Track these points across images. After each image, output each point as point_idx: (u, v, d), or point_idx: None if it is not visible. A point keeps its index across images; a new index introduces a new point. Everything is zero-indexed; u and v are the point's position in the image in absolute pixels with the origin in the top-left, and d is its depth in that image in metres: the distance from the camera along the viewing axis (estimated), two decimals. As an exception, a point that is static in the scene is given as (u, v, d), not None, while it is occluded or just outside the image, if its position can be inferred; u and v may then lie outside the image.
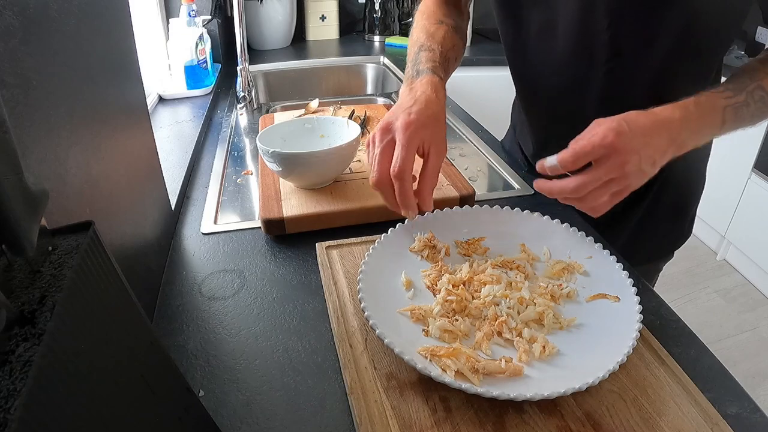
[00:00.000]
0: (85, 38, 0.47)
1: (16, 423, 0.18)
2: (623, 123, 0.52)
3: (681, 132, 0.54)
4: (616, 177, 0.52)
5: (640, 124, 0.52)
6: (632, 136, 0.51)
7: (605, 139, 0.51)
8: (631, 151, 0.51)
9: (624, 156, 0.51)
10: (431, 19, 0.78)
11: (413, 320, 0.52)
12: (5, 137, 0.21)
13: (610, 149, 0.51)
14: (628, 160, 0.51)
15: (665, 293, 0.62)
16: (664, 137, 0.53)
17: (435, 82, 0.65)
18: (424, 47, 0.72)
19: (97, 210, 0.47)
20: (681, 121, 0.53)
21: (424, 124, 0.58)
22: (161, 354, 0.34)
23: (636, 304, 0.52)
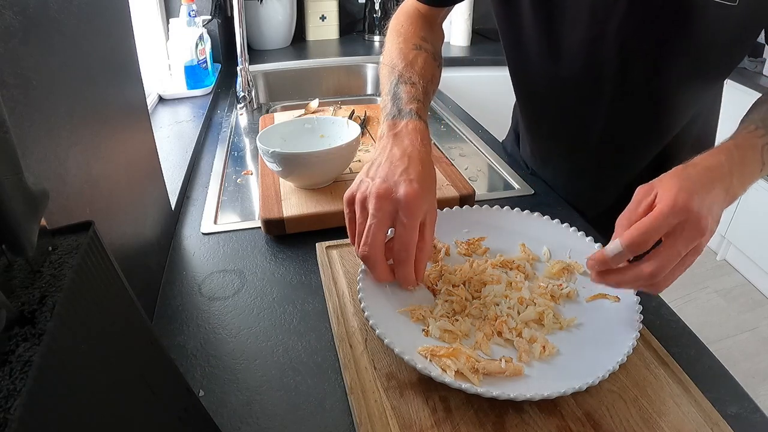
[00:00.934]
0: (85, 38, 0.47)
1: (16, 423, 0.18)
2: (686, 181, 0.45)
3: (732, 179, 0.48)
4: (697, 243, 0.44)
5: (697, 178, 0.46)
6: (702, 194, 0.44)
7: (677, 203, 0.43)
8: (707, 209, 0.44)
9: (702, 219, 0.44)
10: (408, 42, 0.71)
11: (413, 320, 0.51)
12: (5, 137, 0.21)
13: (686, 213, 0.43)
14: (705, 224, 0.44)
15: (665, 293, 0.62)
16: (719, 188, 0.46)
17: (422, 130, 0.58)
18: (404, 79, 0.65)
19: (97, 210, 0.47)
20: (729, 166, 0.48)
21: (425, 195, 0.51)
22: (161, 354, 0.34)
23: (636, 304, 0.52)
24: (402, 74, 0.66)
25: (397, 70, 0.67)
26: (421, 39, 0.73)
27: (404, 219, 0.50)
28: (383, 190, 0.51)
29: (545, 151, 0.88)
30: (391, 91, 0.64)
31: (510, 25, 0.75)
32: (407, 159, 0.54)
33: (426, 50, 0.71)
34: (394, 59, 0.69)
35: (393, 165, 0.53)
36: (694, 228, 0.43)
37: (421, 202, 0.50)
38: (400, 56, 0.69)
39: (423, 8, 0.78)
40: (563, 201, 0.82)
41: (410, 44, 0.71)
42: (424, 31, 0.75)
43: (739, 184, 0.49)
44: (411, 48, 0.70)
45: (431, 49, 0.72)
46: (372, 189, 0.51)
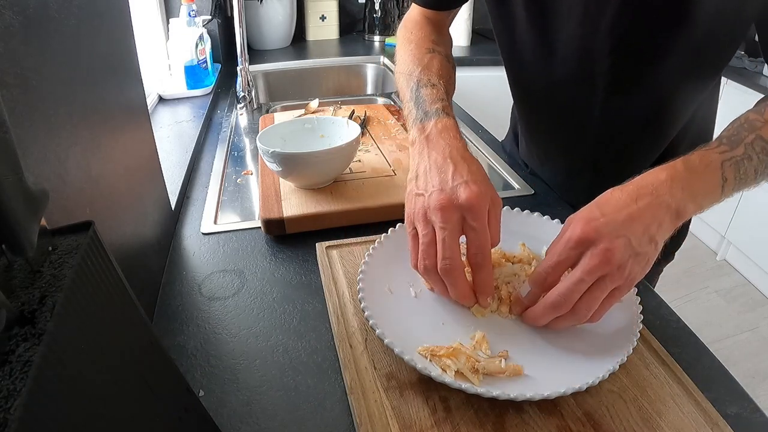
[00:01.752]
0: (85, 38, 0.47)
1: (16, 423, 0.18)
2: (593, 208, 0.46)
3: (672, 194, 0.46)
4: (606, 273, 0.43)
5: (617, 201, 0.46)
6: (608, 218, 0.44)
7: (573, 233, 0.44)
8: (611, 235, 0.43)
9: (603, 245, 0.43)
10: (420, 47, 0.71)
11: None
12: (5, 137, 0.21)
13: (584, 243, 0.44)
14: (610, 248, 0.43)
15: (665, 293, 0.62)
16: (654, 205, 0.45)
17: (452, 127, 0.57)
18: (423, 82, 0.64)
19: (97, 210, 0.47)
20: (669, 181, 0.46)
21: (486, 192, 0.50)
22: (161, 354, 0.34)
23: (636, 304, 0.52)
24: (420, 78, 0.65)
25: (414, 76, 0.66)
26: (433, 43, 0.72)
27: (473, 223, 0.48)
28: (445, 200, 0.49)
29: (543, 150, 0.88)
30: (413, 97, 0.63)
31: (504, 23, 0.75)
32: (451, 160, 0.52)
33: (439, 53, 0.70)
34: (409, 66, 0.68)
35: (441, 171, 0.51)
36: (597, 256, 0.43)
37: (484, 201, 0.49)
38: (415, 62, 0.68)
39: (430, 14, 0.78)
40: (563, 201, 0.82)
41: (423, 49, 0.71)
42: (434, 35, 0.75)
43: (687, 199, 0.46)
44: (425, 52, 0.70)
45: (444, 52, 0.72)
46: (431, 202, 0.49)
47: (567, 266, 0.45)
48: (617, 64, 0.67)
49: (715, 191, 0.49)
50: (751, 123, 0.53)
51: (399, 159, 0.87)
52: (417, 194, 0.52)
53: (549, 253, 0.47)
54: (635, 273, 0.45)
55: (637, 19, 0.62)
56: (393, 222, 0.64)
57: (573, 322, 0.46)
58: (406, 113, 0.63)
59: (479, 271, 0.50)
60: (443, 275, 0.49)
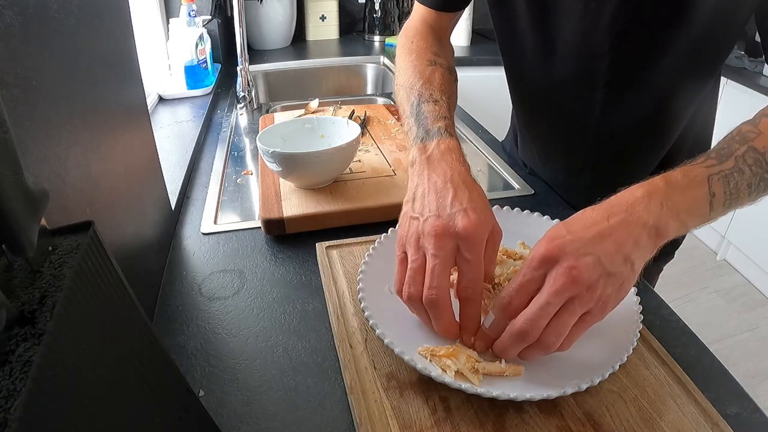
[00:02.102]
0: (85, 38, 0.47)
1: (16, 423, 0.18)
2: (560, 227, 0.43)
3: (649, 210, 0.43)
4: (574, 294, 0.40)
5: (586, 219, 0.43)
6: (573, 236, 0.41)
7: (536, 252, 0.42)
8: (576, 253, 0.40)
9: (567, 263, 0.40)
10: (422, 59, 0.68)
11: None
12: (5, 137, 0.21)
13: (546, 262, 0.41)
14: (576, 266, 0.40)
15: (665, 293, 0.62)
16: (628, 222, 0.42)
17: (455, 148, 0.54)
18: (424, 97, 0.61)
19: (97, 210, 0.47)
20: (646, 198, 0.43)
21: (485, 222, 0.47)
22: (161, 354, 0.34)
23: (636, 305, 0.52)
24: (422, 93, 0.62)
25: (416, 90, 0.63)
26: (435, 54, 0.70)
27: (468, 255, 0.45)
28: (440, 227, 0.46)
29: (543, 149, 0.88)
30: (414, 113, 0.60)
31: (504, 22, 0.75)
32: (451, 185, 0.49)
33: (441, 65, 0.68)
34: (410, 78, 0.66)
35: (440, 196, 0.49)
36: (562, 276, 0.40)
37: (483, 232, 0.46)
38: (416, 74, 0.66)
39: (431, 19, 0.76)
40: (563, 201, 0.82)
41: (424, 61, 0.68)
42: (435, 46, 0.72)
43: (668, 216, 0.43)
44: (426, 65, 0.67)
45: (446, 64, 0.69)
46: (426, 228, 0.47)
47: (531, 289, 0.42)
48: (617, 62, 0.67)
49: (702, 207, 0.45)
50: (743, 135, 0.50)
51: (399, 159, 0.87)
52: (412, 217, 0.50)
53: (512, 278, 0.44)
54: (608, 295, 0.41)
55: (636, 17, 0.62)
56: (393, 222, 0.64)
57: (542, 352, 0.43)
58: (406, 129, 0.61)
59: (467, 305, 0.47)
60: (428, 306, 0.46)
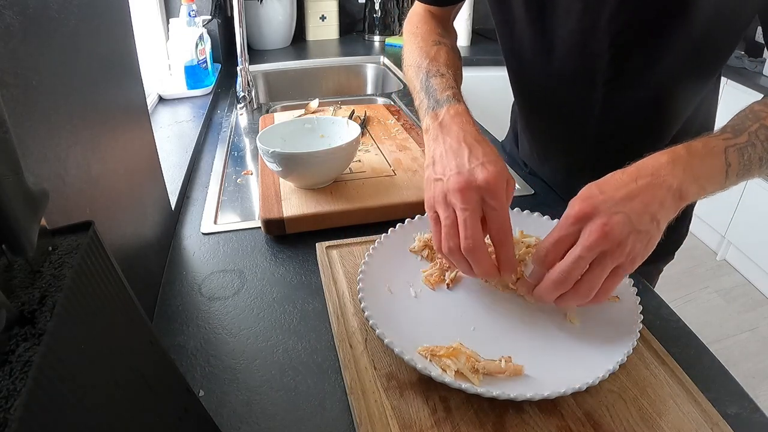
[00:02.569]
0: (85, 38, 0.47)
1: (16, 423, 0.18)
2: (592, 187, 0.47)
3: (674, 175, 0.46)
4: (606, 248, 0.44)
5: (616, 181, 0.47)
6: (605, 196, 0.45)
7: (571, 210, 0.45)
8: (608, 212, 0.44)
9: (600, 220, 0.44)
10: (427, 40, 0.73)
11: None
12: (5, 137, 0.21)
13: (581, 219, 0.45)
14: (607, 222, 0.43)
15: (665, 293, 0.62)
16: (654, 185, 0.46)
17: (464, 112, 0.58)
18: (432, 73, 0.65)
19: (97, 210, 0.47)
20: (670, 163, 0.47)
21: (503, 173, 0.51)
22: (161, 354, 0.34)
23: (636, 304, 0.52)
24: (429, 69, 0.66)
25: (423, 67, 0.67)
26: (439, 35, 0.74)
27: (493, 202, 0.49)
28: (464, 182, 0.50)
29: (543, 148, 0.88)
30: (423, 87, 0.64)
31: (504, 21, 0.76)
32: (465, 144, 0.53)
33: (445, 44, 0.72)
34: (417, 59, 0.70)
35: (457, 155, 0.53)
36: (592, 231, 0.43)
37: (501, 181, 0.50)
38: (422, 54, 0.70)
39: (433, 9, 0.80)
40: (563, 201, 0.82)
41: (429, 41, 0.72)
42: (439, 28, 0.77)
43: (688, 182, 0.47)
44: (431, 44, 0.72)
45: (450, 44, 0.74)
46: (450, 185, 0.50)
47: (567, 243, 0.46)
48: (616, 61, 0.67)
49: (719, 175, 0.49)
50: (756, 113, 0.53)
51: (399, 159, 0.87)
52: (435, 179, 0.53)
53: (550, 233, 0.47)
54: (637, 251, 0.45)
55: (636, 16, 0.62)
56: (393, 222, 0.64)
57: (576, 300, 0.46)
58: (417, 103, 0.64)
59: (501, 247, 0.50)
60: (467, 254, 0.50)
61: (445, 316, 0.53)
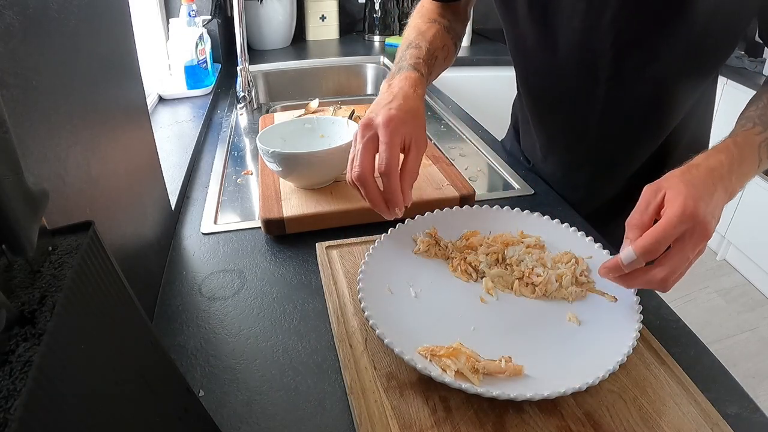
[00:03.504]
0: (85, 38, 0.47)
1: (16, 423, 0.18)
2: (691, 187, 0.47)
3: (731, 178, 0.50)
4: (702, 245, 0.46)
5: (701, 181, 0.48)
6: (705, 198, 0.46)
7: (686, 210, 0.45)
8: (711, 214, 0.46)
9: (707, 224, 0.46)
10: (425, 17, 0.77)
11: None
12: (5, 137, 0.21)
13: (693, 220, 0.45)
14: (710, 228, 0.46)
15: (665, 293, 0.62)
16: (720, 189, 0.48)
17: (413, 78, 0.63)
18: (411, 45, 0.70)
19: (97, 210, 0.47)
20: (729, 165, 0.50)
21: (404, 120, 0.57)
22: (161, 354, 0.34)
23: (636, 304, 0.52)
24: (411, 42, 0.71)
25: (408, 40, 0.72)
26: (439, 15, 0.78)
27: (383, 138, 0.56)
28: (366, 121, 0.58)
29: (545, 142, 0.88)
30: (399, 58, 0.70)
31: (508, 19, 0.76)
32: (392, 96, 0.60)
33: (440, 23, 0.75)
34: (409, 34, 0.74)
35: (379, 104, 0.60)
36: (702, 234, 0.45)
37: (397, 124, 0.56)
38: (415, 30, 0.74)
39: None
40: (563, 201, 0.82)
41: (426, 19, 0.77)
42: (442, 9, 0.79)
43: (737, 181, 0.50)
44: (426, 22, 0.76)
45: (447, 24, 0.77)
46: (359, 123, 0.58)
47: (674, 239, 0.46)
48: (618, 58, 0.67)
49: (752, 172, 0.53)
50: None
51: (399, 159, 0.87)
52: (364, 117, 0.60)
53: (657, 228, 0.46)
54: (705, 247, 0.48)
55: (638, 13, 0.63)
56: (393, 222, 0.64)
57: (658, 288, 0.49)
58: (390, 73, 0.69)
59: (387, 180, 0.55)
60: (355, 181, 0.56)
61: (445, 316, 0.53)
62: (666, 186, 0.48)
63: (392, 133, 0.56)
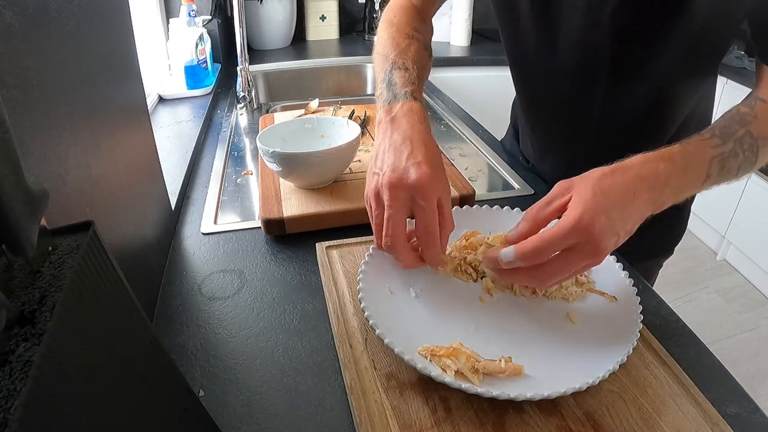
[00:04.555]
0: (85, 38, 0.47)
1: (16, 423, 0.18)
2: (599, 196, 0.44)
3: (664, 189, 0.47)
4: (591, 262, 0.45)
5: (618, 189, 0.45)
6: (611, 213, 0.44)
7: (579, 224, 0.43)
8: (611, 231, 0.44)
9: (601, 242, 0.43)
10: (401, 32, 0.72)
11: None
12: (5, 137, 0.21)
13: (586, 235, 0.43)
14: (603, 246, 0.44)
15: (665, 293, 0.62)
16: (644, 200, 0.46)
17: (418, 110, 0.58)
18: (397, 65, 0.65)
19: (97, 210, 0.47)
20: (666, 176, 0.47)
21: (436, 174, 0.51)
22: (161, 354, 0.34)
23: (636, 304, 0.52)
24: (395, 61, 0.66)
25: (390, 58, 0.67)
26: (414, 29, 0.73)
27: (421, 202, 0.50)
28: (395, 180, 0.50)
29: (544, 142, 0.88)
30: (385, 79, 0.64)
31: (508, 17, 0.76)
32: (409, 142, 0.53)
33: (418, 40, 0.71)
34: (386, 48, 0.69)
35: (397, 151, 0.53)
36: (591, 251, 0.44)
37: (434, 183, 0.50)
38: (393, 45, 0.69)
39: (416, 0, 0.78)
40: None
41: (402, 34, 0.71)
42: (416, 22, 0.75)
43: (671, 194, 0.48)
44: (404, 37, 0.71)
45: (423, 39, 0.73)
46: (383, 180, 0.51)
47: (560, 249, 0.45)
48: (618, 56, 0.68)
49: (697, 185, 0.50)
50: (742, 116, 0.54)
51: (399, 159, 0.87)
52: (374, 173, 0.54)
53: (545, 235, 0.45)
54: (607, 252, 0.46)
55: (638, 11, 0.63)
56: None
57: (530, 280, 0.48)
58: (378, 94, 0.64)
59: (427, 249, 0.51)
60: (387, 250, 0.52)
61: (445, 316, 0.53)
62: (575, 188, 0.46)
63: (430, 194, 0.50)
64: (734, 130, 0.52)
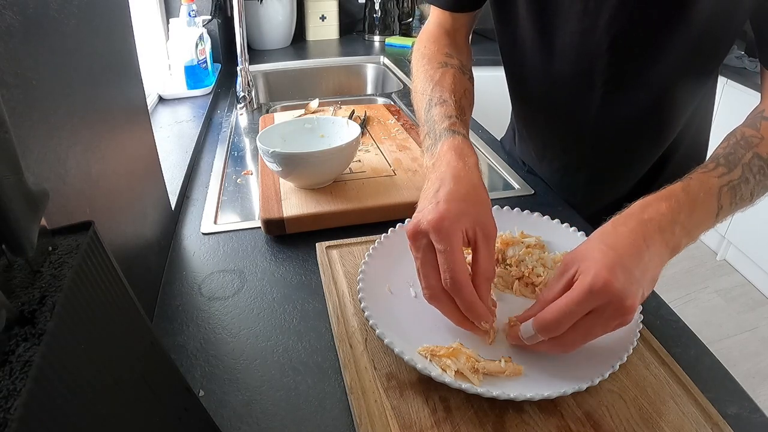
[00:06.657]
0: (85, 38, 0.47)
1: (16, 423, 0.18)
2: (608, 253, 0.41)
3: (674, 230, 0.43)
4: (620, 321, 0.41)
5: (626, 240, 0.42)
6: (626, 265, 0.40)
7: (595, 285, 0.39)
8: (632, 284, 0.40)
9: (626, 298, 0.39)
10: (433, 62, 0.68)
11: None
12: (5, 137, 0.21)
13: (607, 296, 0.39)
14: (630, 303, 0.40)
15: (665, 293, 0.62)
16: (657, 244, 0.42)
17: (457, 146, 0.53)
18: (434, 101, 0.61)
19: (97, 210, 0.47)
20: (671, 214, 0.44)
21: (459, 212, 0.46)
22: (161, 354, 0.34)
23: (636, 304, 0.52)
24: (432, 97, 0.62)
25: (427, 95, 0.63)
26: (446, 56, 0.70)
27: (438, 246, 0.45)
28: (413, 227, 0.47)
29: (541, 147, 0.88)
30: (427, 120, 0.61)
31: (505, 22, 0.76)
32: (438, 182, 0.49)
33: (452, 66, 0.68)
34: (423, 84, 0.66)
35: (425, 196, 0.50)
36: (616, 309, 0.40)
37: (450, 222, 0.45)
38: (428, 79, 0.66)
39: (445, 21, 0.76)
40: (563, 201, 0.82)
41: (435, 64, 0.68)
42: (447, 48, 0.72)
43: (683, 233, 0.44)
44: (437, 67, 0.67)
45: (458, 64, 0.69)
46: (408, 228, 0.48)
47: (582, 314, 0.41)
48: (615, 62, 0.67)
49: (710, 220, 0.47)
50: (747, 140, 0.51)
51: (399, 159, 0.87)
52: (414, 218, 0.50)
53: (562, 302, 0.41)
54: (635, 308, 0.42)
55: (634, 17, 0.63)
56: (393, 222, 0.64)
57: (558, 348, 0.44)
58: (422, 137, 0.61)
59: (456, 296, 0.46)
60: (430, 303, 0.48)
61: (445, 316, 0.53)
62: (581, 255, 0.43)
63: (447, 235, 0.45)
64: (740, 155, 0.49)
